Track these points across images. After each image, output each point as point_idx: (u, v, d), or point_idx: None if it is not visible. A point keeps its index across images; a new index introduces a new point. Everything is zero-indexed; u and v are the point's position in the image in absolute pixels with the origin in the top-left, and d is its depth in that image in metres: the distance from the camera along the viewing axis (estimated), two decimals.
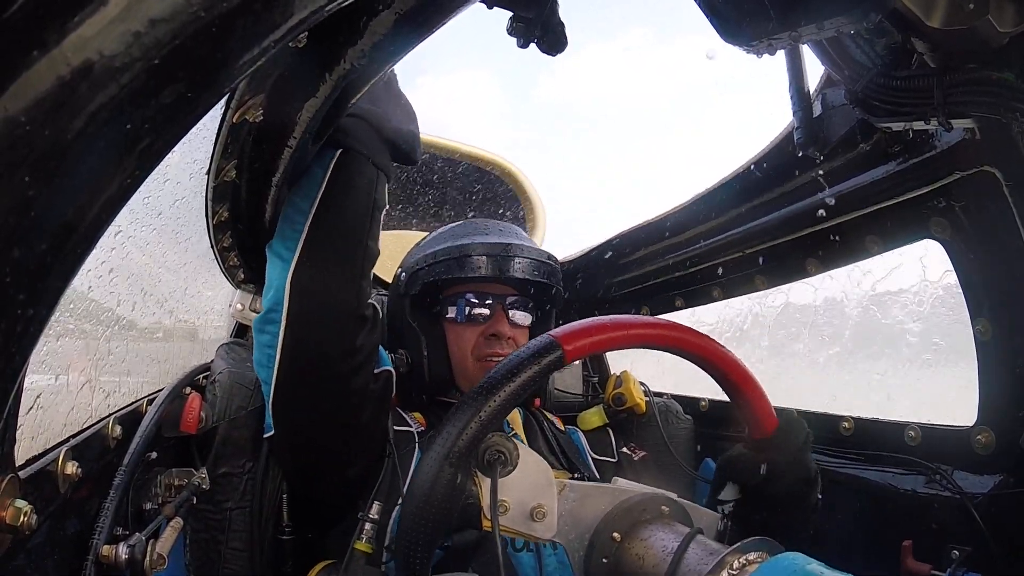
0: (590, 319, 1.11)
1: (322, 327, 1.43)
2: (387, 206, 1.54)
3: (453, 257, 1.73)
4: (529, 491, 1.02)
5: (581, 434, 1.87)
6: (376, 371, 1.58)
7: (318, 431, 1.50)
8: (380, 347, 1.63)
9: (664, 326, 1.17)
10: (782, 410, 1.25)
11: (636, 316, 1.16)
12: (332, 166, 1.43)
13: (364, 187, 1.46)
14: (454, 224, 1.91)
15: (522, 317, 1.78)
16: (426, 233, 2.00)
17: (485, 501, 0.98)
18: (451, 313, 1.74)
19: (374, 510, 1.46)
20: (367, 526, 1.44)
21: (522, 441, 1.67)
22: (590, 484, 1.12)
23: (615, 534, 1.06)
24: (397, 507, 1.46)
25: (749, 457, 1.26)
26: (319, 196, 1.41)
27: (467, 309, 1.74)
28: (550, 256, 1.81)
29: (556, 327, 1.09)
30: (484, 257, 1.72)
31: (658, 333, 1.15)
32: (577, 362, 2.28)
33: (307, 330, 1.42)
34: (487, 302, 1.74)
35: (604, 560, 1.06)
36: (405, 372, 1.77)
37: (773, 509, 1.24)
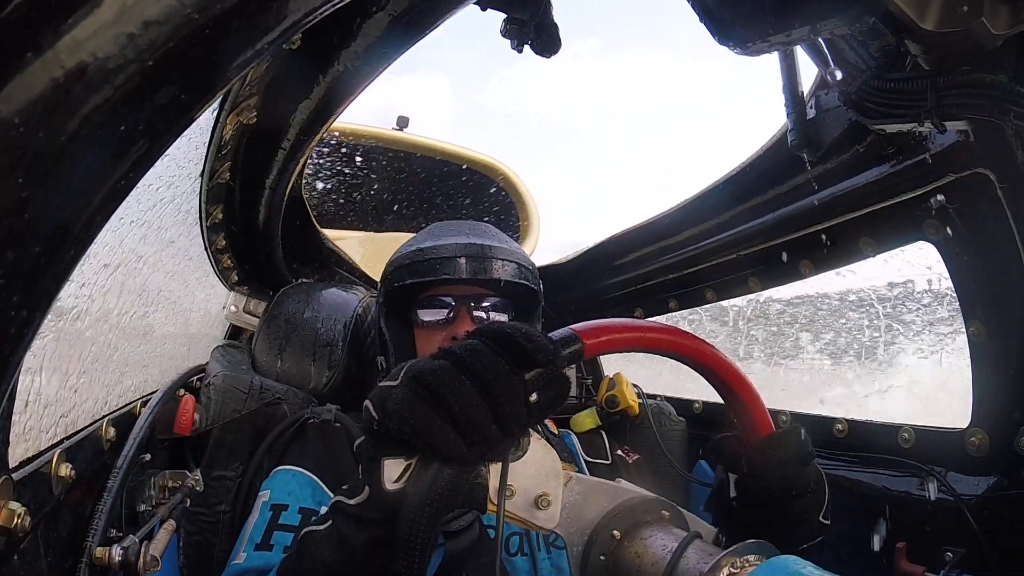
0: None
1: None
2: None
3: (409, 262, 1.65)
4: (535, 478, 1.00)
5: (574, 436, 1.86)
6: None
7: None
8: None
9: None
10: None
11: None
12: None
13: None
14: (424, 230, 1.82)
15: (489, 317, 1.69)
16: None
17: (493, 484, 0.96)
18: (418, 317, 1.69)
19: None
20: None
21: None
22: (596, 480, 1.10)
23: (615, 532, 1.06)
24: None
25: (735, 445, 1.20)
26: None
27: (429, 312, 1.68)
28: (518, 252, 1.72)
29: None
30: (437, 259, 1.63)
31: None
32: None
33: None
34: (449, 303, 1.67)
35: (602, 557, 1.05)
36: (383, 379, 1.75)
37: (756, 506, 1.20)
